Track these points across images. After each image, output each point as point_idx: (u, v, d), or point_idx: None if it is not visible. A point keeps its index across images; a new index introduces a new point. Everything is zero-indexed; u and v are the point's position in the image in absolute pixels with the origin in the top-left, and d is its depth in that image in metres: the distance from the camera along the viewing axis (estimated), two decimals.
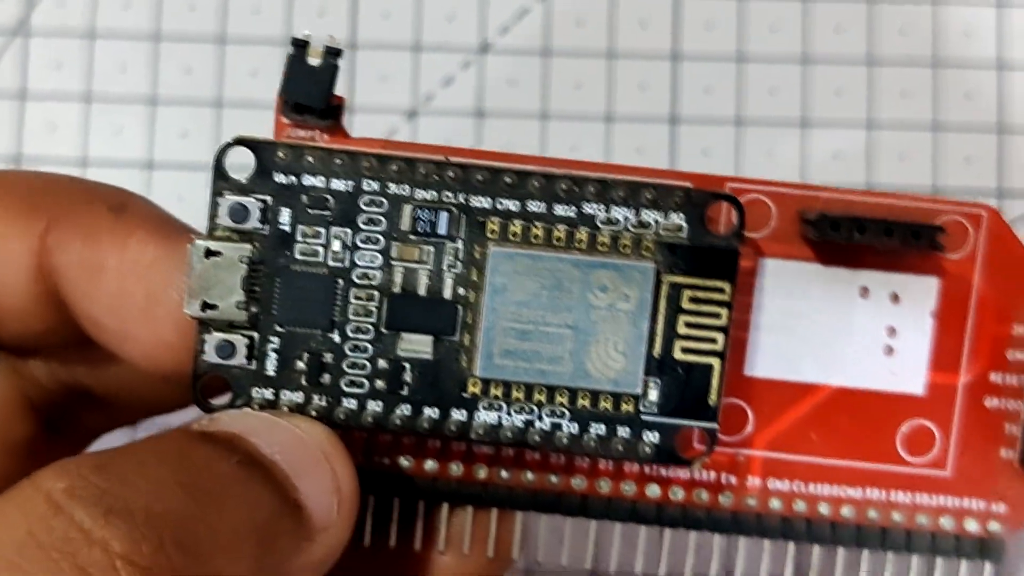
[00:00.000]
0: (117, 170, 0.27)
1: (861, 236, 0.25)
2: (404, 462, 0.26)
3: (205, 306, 0.23)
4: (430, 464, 0.26)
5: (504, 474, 0.26)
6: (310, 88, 0.24)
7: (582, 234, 0.24)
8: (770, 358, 0.26)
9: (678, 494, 0.26)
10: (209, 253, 0.23)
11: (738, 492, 0.27)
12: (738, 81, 0.37)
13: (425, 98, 0.36)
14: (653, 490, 0.26)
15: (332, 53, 0.24)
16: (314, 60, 0.24)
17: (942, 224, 0.26)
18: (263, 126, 0.26)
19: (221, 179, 0.24)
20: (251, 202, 0.24)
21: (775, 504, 0.27)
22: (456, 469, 0.26)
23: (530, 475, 0.26)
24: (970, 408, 0.27)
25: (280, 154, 0.24)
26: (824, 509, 0.27)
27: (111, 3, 0.37)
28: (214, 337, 0.24)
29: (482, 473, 0.26)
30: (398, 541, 0.27)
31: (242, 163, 0.24)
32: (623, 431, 0.24)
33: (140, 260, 0.24)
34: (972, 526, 0.27)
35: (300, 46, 0.24)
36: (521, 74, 0.36)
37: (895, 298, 0.26)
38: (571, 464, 0.26)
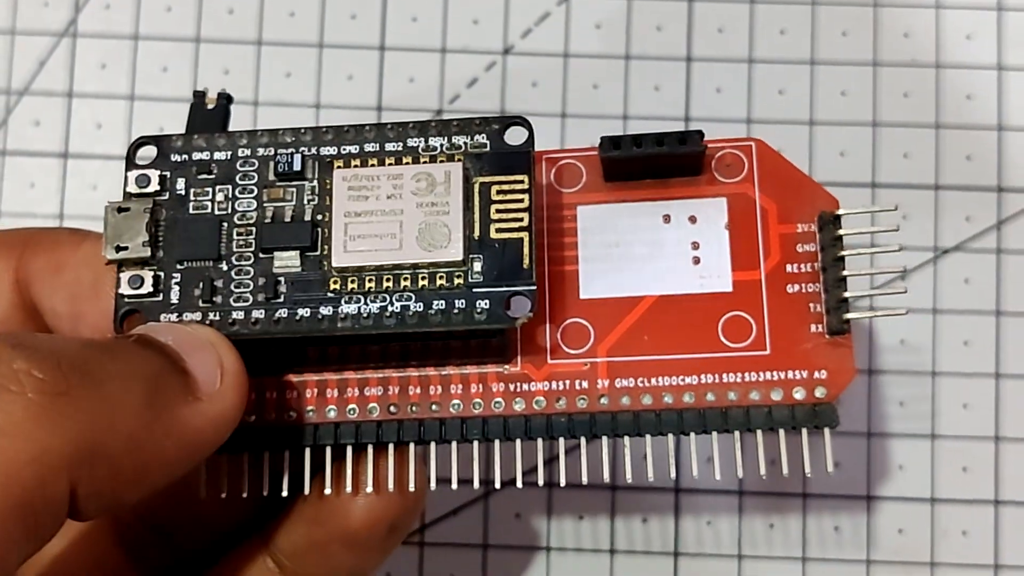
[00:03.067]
0: None
1: (639, 148, 0.31)
2: (309, 414, 0.31)
3: (118, 248, 0.30)
4: (332, 412, 0.31)
5: (392, 408, 0.31)
6: (210, 123, 0.32)
7: (408, 159, 0.30)
8: (599, 282, 0.31)
9: (541, 403, 0.31)
10: (120, 209, 0.30)
11: (591, 395, 0.31)
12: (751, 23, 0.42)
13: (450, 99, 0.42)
14: (519, 404, 0.31)
15: (224, 98, 0.32)
16: (210, 105, 0.32)
17: (720, 156, 0.32)
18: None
19: (131, 164, 0.31)
20: (153, 172, 0.31)
21: (625, 400, 0.30)
22: (352, 413, 0.31)
23: (415, 408, 0.31)
24: (775, 295, 0.31)
25: (176, 142, 0.31)
26: (668, 398, 0.30)
27: (154, 7, 0.43)
28: (127, 273, 0.30)
29: (375, 413, 0.31)
30: (311, 489, 0.31)
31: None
32: (459, 303, 0.29)
33: (92, 253, 0.31)
34: (800, 394, 0.30)
35: (199, 96, 0.32)
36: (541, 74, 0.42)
37: (693, 219, 0.32)
38: (447, 390, 0.31)
